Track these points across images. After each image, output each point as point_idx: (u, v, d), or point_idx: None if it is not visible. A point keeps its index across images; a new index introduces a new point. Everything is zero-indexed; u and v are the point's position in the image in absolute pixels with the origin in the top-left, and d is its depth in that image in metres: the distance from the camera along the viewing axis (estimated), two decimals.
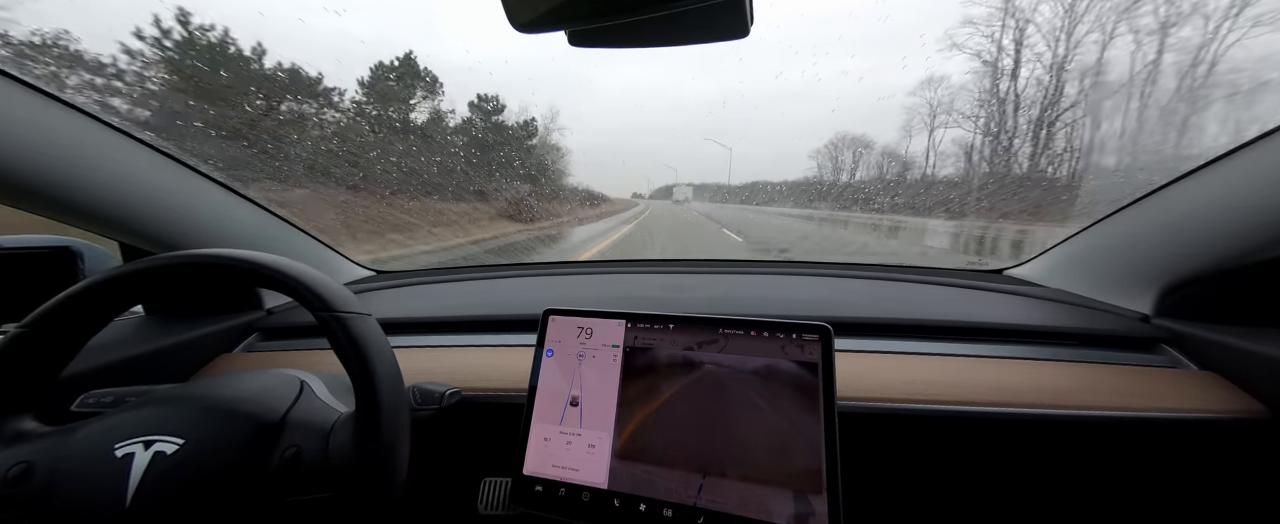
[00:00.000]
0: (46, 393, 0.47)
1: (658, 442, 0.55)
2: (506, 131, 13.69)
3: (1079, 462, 0.65)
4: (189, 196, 0.80)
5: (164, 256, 0.49)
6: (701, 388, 0.56)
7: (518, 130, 14.23)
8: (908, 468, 0.70)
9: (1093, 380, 0.65)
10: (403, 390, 0.47)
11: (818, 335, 0.55)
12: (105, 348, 0.69)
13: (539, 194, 11.20)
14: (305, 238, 1.05)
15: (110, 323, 0.51)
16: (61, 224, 0.69)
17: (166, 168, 0.77)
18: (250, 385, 0.50)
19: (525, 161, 13.72)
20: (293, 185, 5.54)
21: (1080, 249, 0.94)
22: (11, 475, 0.40)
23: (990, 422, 0.62)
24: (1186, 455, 0.62)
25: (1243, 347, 0.63)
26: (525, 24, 0.36)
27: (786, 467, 0.51)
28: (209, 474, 0.42)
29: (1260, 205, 0.61)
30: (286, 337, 0.89)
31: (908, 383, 0.65)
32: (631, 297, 1.00)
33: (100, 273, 0.48)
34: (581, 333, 0.62)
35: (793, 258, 2.37)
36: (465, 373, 0.72)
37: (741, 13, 0.35)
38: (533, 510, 0.56)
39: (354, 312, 0.47)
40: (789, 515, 0.49)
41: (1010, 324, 0.79)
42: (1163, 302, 0.75)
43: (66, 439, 0.43)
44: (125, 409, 0.47)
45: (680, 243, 7.97)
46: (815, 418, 0.52)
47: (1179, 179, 0.73)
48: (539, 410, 0.60)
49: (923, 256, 6.17)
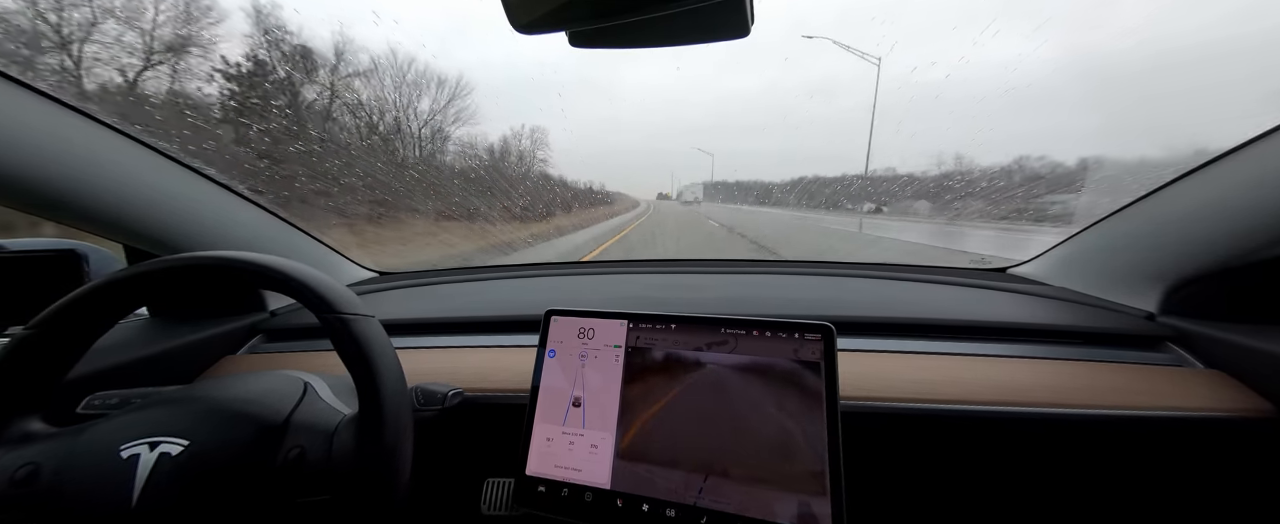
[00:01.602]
0: (53, 394, 0.48)
1: (660, 442, 0.55)
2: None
3: (1084, 461, 0.65)
4: (192, 199, 0.81)
5: (168, 259, 0.49)
6: (704, 388, 0.56)
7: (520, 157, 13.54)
8: (911, 468, 0.69)
9: (1097, 379, 0.65)
10: (405, 392, 0.47)
11: (820, 335, 0.55)
12: (110, 350, 0.70)
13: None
14: (308, 239, 1.06)
15: (115, 325, 0.51)
16: (66, 227, 0.70)
17: (169, 170, 0.77)
18: (254, 387, 0.51)
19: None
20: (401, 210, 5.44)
21: (1084, 247, 0.94)
22: (19, 476, 0.41)
23: (994, 421, 0.62)
24: (1192, 454, 0.62)
25: (1249, 345, 0.62)
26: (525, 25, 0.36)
27: (789, 467, 0.50)
28: (214, 475, 0.43)
29: (1265, 202, 0.60)
30: (290, 338, 0.90)
31: (911, 382, 0.65)
32: (633, 297, 1.00)
33: (105, 275, 0.48)
34: (583, 333, 0.62)
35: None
36: (468, 374, 0.73)
37: (741, 12, 0.35)
38: (536, 511, 0.57)
39: (357, 313, 0.47)
40: (792, 516, 0.49)
41: (1014, 323, 0.79)
42: (1168, 300, 0.74)
43: (73, 440, 0.44)
44: (130, 411, 0.47)
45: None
46: (818, 418, 0.51)
47: (1183, 176, 0.72)
48: (541, 411, 0.60)
49: None
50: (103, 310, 0.49)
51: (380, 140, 8.52)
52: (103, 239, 0.78)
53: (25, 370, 0.45)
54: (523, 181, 11.78)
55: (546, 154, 13.50)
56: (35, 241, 0.81)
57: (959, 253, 6.68)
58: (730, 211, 22.17)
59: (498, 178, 9.86)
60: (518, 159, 12.67)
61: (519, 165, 12.64)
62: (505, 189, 8.39)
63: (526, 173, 12.71)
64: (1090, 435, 0.61)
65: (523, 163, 12.74)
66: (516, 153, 12.69)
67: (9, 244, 0.78)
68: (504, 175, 10.84)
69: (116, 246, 0.82)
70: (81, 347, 0.49)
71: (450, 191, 7.31)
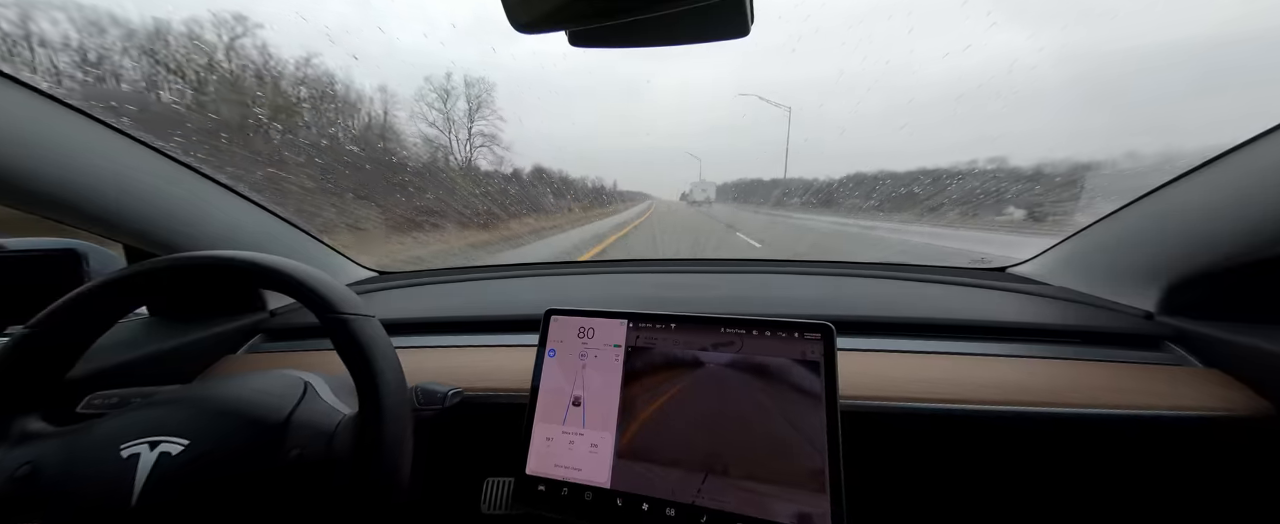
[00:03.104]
0: (53, 393, 0.48)
1: (660, 441, 0.55)
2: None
3: (1083, 460, 0.65)
4: (192, 199, 0.81)
5: (168, 258, 0.49)
6: (703, 387, 0.56)
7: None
8: (910, 467, 0.69)
9: (1097, 378, 0.65)
10: (406, 392, 0.47)
11: (820, 334, 0.55)
12: (110, 349, 0.70)
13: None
14: (308, 239, 1.06)
15: (115, 324, 0.51)
16: (66, 227, 0.70)
17: (169, 170, 0.77)
18: (254, 386, 0.51)
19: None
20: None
21: (1083, 247, 0.94)
22: (19, 475, 0.41)
23: (994, 420, 0.62)
24: (1192, 453, 0.62)
25: (1248, 344, 0.62)
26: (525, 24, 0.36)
27: (789, 466, 0.51)
28: (214, 475, 0.43)
29: (1265, 201, 0.60)
30: (290, 337, 0.90)
31: (910, 381, 0.65)
32: (633, 296, 1.01)
33: (105, 275, 0.48)
34: (583, 333, 0.62)
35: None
36: (468, 373, 0.73)
37: (742, 12, 0.35)
38: (536, 510, 0.57)
39: (357, 313, 0.47)
40: (791, 515, 0.49)
41: (1013, 322, 0.79)
42: (1167, 299, 0.74)
43: (73, 439, 0.44)
44: (130, 410, 0.47)
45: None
46: (818, 417, 0.52)
47: (1182, 176, 0.72)
48: (541, 410, 0.60)
49: None
50: (103, 310, 0.49)
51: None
52: (102, 239, 0.78)
53: (25, 369, 0.46)
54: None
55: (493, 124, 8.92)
56: (35, 241, 0.81)
57: None
58: (768, 222, 12.26)
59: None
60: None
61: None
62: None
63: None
64: (1090, 435, 0.61)
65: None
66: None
67: (9, 243, 0.79)
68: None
69: (116, 246, 0.82)
70: (81, 346, 0.49)
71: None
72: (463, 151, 10.18)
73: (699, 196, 27.03)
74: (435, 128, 9.06)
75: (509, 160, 11.14)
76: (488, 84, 9.43)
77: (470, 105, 8.30)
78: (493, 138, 9.20)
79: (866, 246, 6.38)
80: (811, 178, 21.76)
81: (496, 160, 10.71)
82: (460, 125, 8.82)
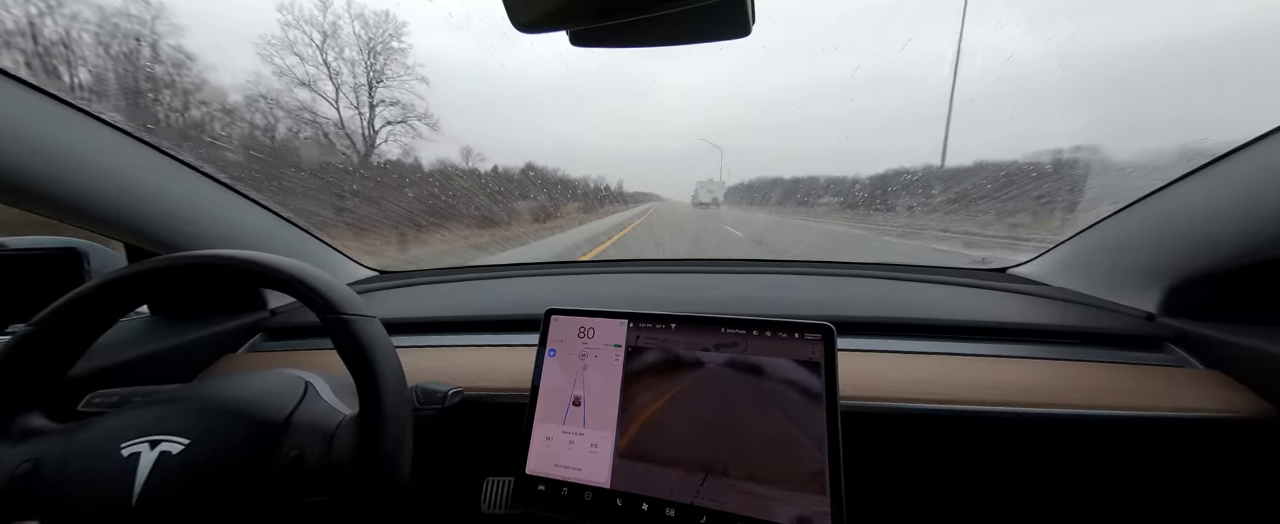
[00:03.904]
0: (54, 391, 0.48)
1: (660, 441, 0.55)
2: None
3: (1084, 461, 0.65)
4: (193, 198, 0.81)
5: (169, 257, 0.49)
6: (704, 387, 0.56)
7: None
8: (911, 468, 0.69)
9: (1097, 379, 0.65)
10: (406, 392, 0.47)
11: (820, 334, 0.55)
12: (111, 348, 0.70)
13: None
14: (309, 238, 1.06)
15: (116, 323, 0.51)
16: (68, 225, 0.70)
17: (170, 169, 0.77)
18: (255, 386, 0.51)
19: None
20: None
21: (1084, 248, 0.94)
22: (20, 472, 0.41)
23: (994, 421, 0.62)
24: (1192, 455, 0.62)
25: (1249, 345, 0.62)
26: (526, 24, 0.36)
27: (789, 466, 0.51)
28: (214, 474, 0.43)
29: (1266, 202, 0.60)
30: (291, 337, 0.90)
31: (911, 382, 0.65)
32: (633, 296, 1.00)
33: (106, 273, 0.48)
34: (584, 333, 0.62)
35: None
36: (468, 373, 0.73)
37: (743, 12, 0.35)
38: (536, 510, 0.57)
39: (358, 313, 0.47)
40: (791, 515, 0.49)
41: (1014, 323, 0.79)
42: (1168, 300, 0.74)
43: (74, 437, 0.44)
44: (131, 409, 0.47)
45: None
46: (818, 417, 0.51)
47: (1183, 177, 0.72)
48: (541, 410, 0.60)
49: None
50: (104, 308, 0.49)
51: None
52: (103, 237, 0.78)
53: (27, 367, 0.46)
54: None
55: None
56: (36, 239, 0.81)
57: None
58: (799, 231, 9.12)
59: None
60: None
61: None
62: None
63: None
64: (1090, 436, 0.61)
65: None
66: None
67: (10, 242, 0.79)
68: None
69: (117, 245, 0.82)
70: (83, 344, 0.49)
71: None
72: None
73: (705, 197, 26.19)
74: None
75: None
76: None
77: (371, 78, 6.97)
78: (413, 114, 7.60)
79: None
80: (841, 176, 18.62)
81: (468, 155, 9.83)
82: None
